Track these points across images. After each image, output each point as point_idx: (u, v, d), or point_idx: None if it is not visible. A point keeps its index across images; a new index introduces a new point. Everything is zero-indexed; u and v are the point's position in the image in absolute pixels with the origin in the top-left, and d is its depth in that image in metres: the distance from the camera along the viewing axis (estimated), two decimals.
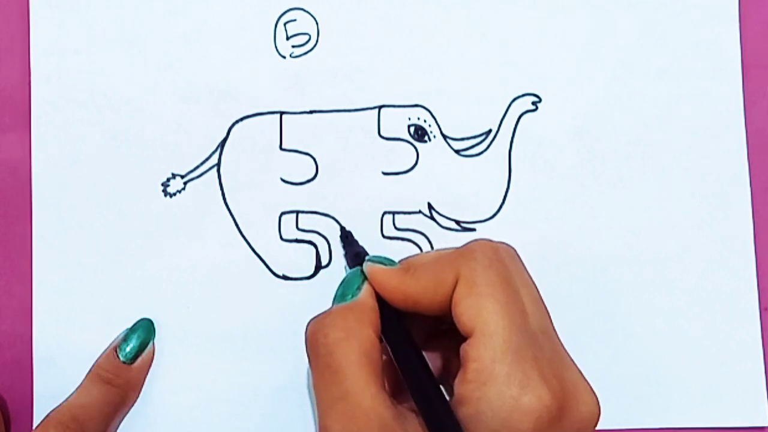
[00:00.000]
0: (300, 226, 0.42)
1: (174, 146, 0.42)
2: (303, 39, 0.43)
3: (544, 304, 0.33)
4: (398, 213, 0.42)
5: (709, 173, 0.42)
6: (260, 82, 0.42)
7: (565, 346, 0.33)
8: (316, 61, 0.43)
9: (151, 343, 0.41)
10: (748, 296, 0.42)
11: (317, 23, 0.43)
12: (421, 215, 0.42)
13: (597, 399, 0.32)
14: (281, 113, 0.42)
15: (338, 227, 0.41)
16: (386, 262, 0.36)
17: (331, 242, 0.42)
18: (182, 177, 0.42)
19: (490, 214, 0.42)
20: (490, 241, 0.34)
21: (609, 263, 0.42)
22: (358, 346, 0.32)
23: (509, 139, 0.42)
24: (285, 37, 0.43)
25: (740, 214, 0.42)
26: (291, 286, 0.42)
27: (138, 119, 0.42)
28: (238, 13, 0.43)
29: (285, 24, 0.43)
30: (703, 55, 0.43)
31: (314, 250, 0.42)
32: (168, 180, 0.42)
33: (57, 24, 0.43)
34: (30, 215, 0.42)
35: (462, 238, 0.42)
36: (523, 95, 0.42)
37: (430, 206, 0.42)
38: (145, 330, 0.41)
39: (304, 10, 0.43)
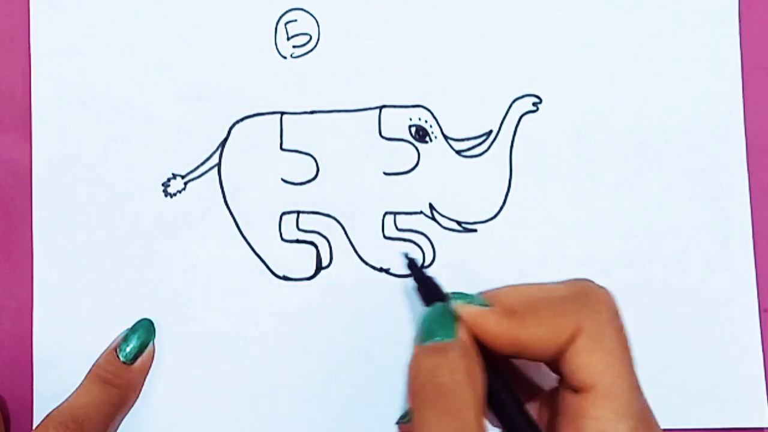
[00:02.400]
0: (301, 227, 0.42)
1: (174, 146, 0.42)
2: (304, 39, 0.43)
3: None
4: (399, 213, 0.42)
5: (709, 174, 0.42)
6: (261, 83, 0.42)
7: None
8: (316, 62, 0.43)
9: (151, 344, 0.41)
10: (748, 297, 0.42)
11: (318, 23, 0.43)
12: (422, 216, 0.42)
13: None
14: (282, 113, 0.42)
15: (411, 251, 0.38)
16: (474, 300, 0.32)
17: (332, 243, 0.42)
18: (183, 177, 0.42)
19: (491, 215, 0.42)
20: (601, 287, 0.32)
21: (609, 264, 0.42)
22: (478, 390, 0.29)
23: (510, 140, 0.42)
24: (286, 37, 0.43)
25: (740, 215, 0.42)
26: (291, 286, 0.42)
27: (138, 119, 0.42)
28: (239, 13, 0.43)
29: (286, 24, 0.43)
30: (703, 56, 0.43)
31: (315, 250, 0.42)
32: (168, 180, 0.42)
33: (57, 24, 0.43)
34: (30, 215, 0.42)
35: (463, 239, 0.42)
36: (524, 96, 0.42)
37: (431, 207, 0.42)
38: (145, 330, 0.41)
39: (305, 11, 0.43)
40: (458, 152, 0.42)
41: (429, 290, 0.34)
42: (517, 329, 0.31)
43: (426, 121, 0.42)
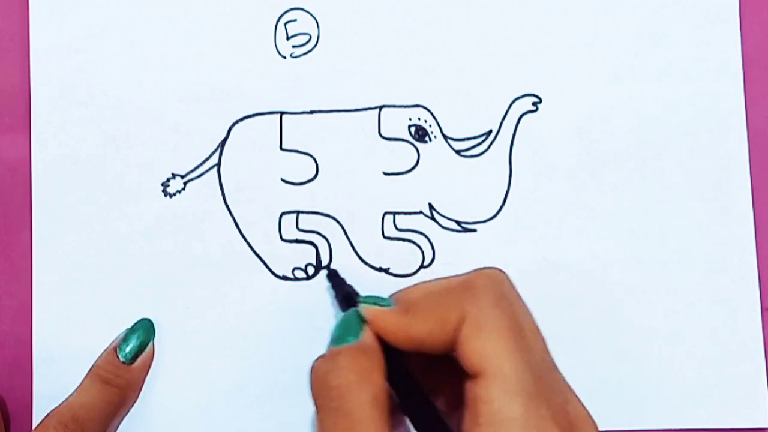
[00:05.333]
0: (300, 227, 0.42)
1: (174, 146, 0.42)
2: (303, 39, 0.43)
3: (541, 334, 0.32)
4: (399, 213, 0.42)
5: (710, 174, 0.42)
6: (260, 82, 0.42)
7: (566, 347, 0.33)
8: (316, 61, 0.43)
9: (150, 343, 0.41)
10: (750, 297, 0.42)
11: (318, 23, 0.43)
12: (421, 216, 0.42)
13: (596, 426, 0.31)
14: (281, 113, 0.42)
15: (327, 268, 0.41)
16: (380, 302, 0.34)
17: (331, 242, 0.42)
18: (182, 177, 0.42)
19: (491, 215, 0.42)
20: (488, 271, 0.33)
21: (609, 264, 0.42)
22: (371, 390, 0.31)
23: (510, 140, 0.42)
24: (285, 37, 0.43)
25: (741, 214, 0.42)
26: (291, 286, 0.42)
27: (138, 119, 0.42)
28: (239, 13, 0.43)
29: (285, 24, 0.43)
30: (704, 55, 0.42)
31: (315, 250, 0.42)
32: (168, 180, 0.42)
33: (57, 23, 0.43)
34: (30, 215, 0.42)
35: (462, 239, 0.42)
36: (524, 96, 0.42)
37: (430, 206, 0.42)
38: (145, 330, 0.41)
39: (305, 10, 0.43)
40: (458, 152, 0.42)
41: (344, 296, 0.37)
42: (409, 324, 0.32)
43: (425, 121, 0.42)
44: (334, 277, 0.41)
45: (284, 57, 0.43)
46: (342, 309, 0.37)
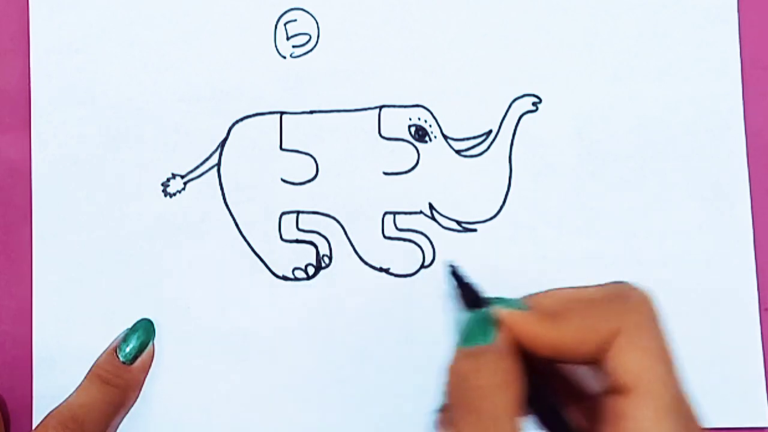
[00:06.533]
0: (300, 227, 0.42)
1: (174, 146, 0.42)
2: (303, 39, 0.43)
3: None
4: (399, 213, 0.42)
5: (709, 174, 0.42)
6: (260, 82, 0.42)
7: None
8: (316, 62, 0.43)
9: (150, 344, 0.41)
10: (748, 297, 0.42)
11: (317, 23, 0.43)
12: (422, 215, 0.42)
13: None
14: (281, 113, 0.42)
15: (447, 264, 0.38)
16: (514, 303, 0.32)
17: (331, 242, 0.42)
18: (182, 177, 0.42)
19: (491, 215, 0.42)
20: (640, 288, 0.32)
21: (609, 263, 0.42)
22: (514, 394, 0.30)
23: (510, 140, 0.42)
24: (285, 37, 0.43)
25: (740, 214, 0.42)
26: (291, 286, 0.42)
27: (138, 119, 0.42)
28: (238, 13, 0.43)
29: (285, 24, 0.43)
30: (703, 55, 0.43)
31: (315, 250, 0.42)
32: (168, 180, 0.42)
33: (57, 23, 0.43)
34: (30, 215, 0.42)
35: (462, 239, 0.42)
36: (524, 96, 0.42)
37: (431, 206, 0.42)
38: (145, 330, 0.41)
39: (305, 11, 0.43)
40: (458, 152, 0.42)
41: (470, 295, 0.35)
42: (555, 331, 0.31)
43: (425, 121, 0.42)
44: (455, 273, 0.36)
45: (284, 57, 0.43)
46: (467, 307, 0.34)
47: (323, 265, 0.42)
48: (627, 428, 0.29)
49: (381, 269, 0.42)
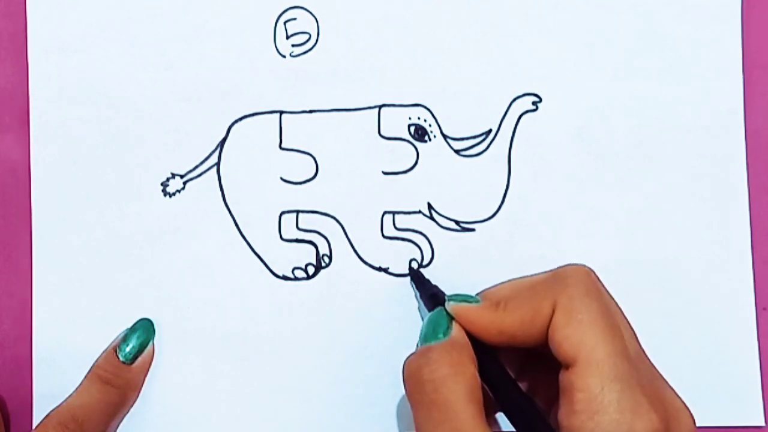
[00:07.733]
0: (300, 226, 0.42)
1: (173, 146, 0.42)
2: (303, 38, 0.43)
3: (631, 325, 0.33)
4: (398, 213, 0.42)
5: (708, 173, 0.42)
6: (260, 82, 0.42)
7: None
8: (316, 61, 0.42)
9: (150, 343, 0.41)
10: (745, 296, 0.42)
11: (317, 22, 0.43)
12: (420, 215, 0.42)
13: (693, 416, 0.32)
14: (281, 112, 0.42)
15: (410, 262, 0.41)
16: (468, 299, 0.35)
17: (331, 242, 0.42)
18: (182, 177, 0.42)
19: (490, 214, 0.42)
20: (576, 265, 0.33)
21: (607, 263, 0.42)
22: (465, 382, 0.31)
23: (509, 139, 0.42)
24: (285, 36, 0.42)
25: (738, 214, 0.42)
26: (291, 286, 0.42)
27: (137, 119, 0.42)
28: (238, 13, 0.42)
29: (285, 23, 0.43)
30: (704, 55, 0.42)
31: (314, 250, 0.42)
32: (167, 180, 0.42)
33: (55, 23, 0.42)
34: (30, 215, 0.42)
35: (461, 238, 0.42)
36: (523, 95, 0.42)
37: (429, 206, 0.42)
38: (144, 330, 0.41)
39: (305, 9, 0.43)
40: (457, 151, 0.42)
41: (429, 295, 0.37)
42: (500, 318, 0.33)
43: (425, 121, 0.42)
44: (417, 278, 0.41)
45: (284, 56, 0.42)
46: (428, 309, 0.37)
47: (323, 264, 0.42)
48: (576, 398, 0.30)
49: (380, 269, 0.42)
